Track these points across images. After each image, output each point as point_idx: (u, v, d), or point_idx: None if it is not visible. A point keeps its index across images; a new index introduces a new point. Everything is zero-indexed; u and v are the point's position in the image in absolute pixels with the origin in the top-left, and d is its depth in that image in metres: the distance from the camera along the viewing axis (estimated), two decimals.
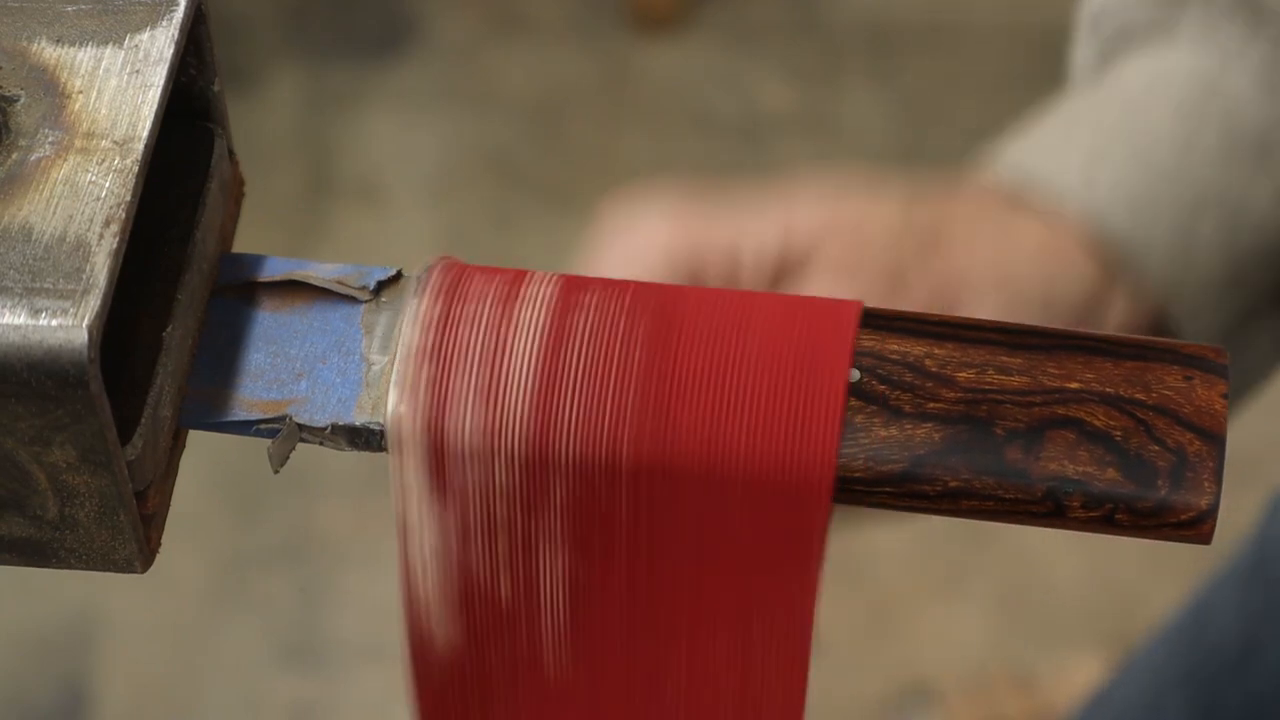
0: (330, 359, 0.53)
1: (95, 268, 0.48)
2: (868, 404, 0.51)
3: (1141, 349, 0.51)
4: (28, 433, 0.48)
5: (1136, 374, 0.51)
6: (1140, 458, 0.50)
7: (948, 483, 0.50)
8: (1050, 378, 0.51)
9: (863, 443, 0.50)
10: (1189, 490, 0.50)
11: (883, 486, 0.50)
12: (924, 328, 0.52)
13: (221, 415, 0.53)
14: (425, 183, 2.15)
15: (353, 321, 0.54)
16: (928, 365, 0.51)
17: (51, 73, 0.52)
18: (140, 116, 0.51)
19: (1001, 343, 0.51)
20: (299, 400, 0.53)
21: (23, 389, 0.47)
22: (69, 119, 0.51)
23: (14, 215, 0.49)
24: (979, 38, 2.26)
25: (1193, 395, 0.51)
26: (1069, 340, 0.52)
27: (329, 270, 0.54)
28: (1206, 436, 0.50)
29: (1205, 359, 0.51)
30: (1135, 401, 0.50)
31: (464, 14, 2.31)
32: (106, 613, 1.84)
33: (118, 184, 0.49)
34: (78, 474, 0.49)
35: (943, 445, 0.50)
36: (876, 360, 0.51)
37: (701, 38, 2.27)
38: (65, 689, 1.81)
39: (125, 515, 0.50)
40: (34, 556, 0.51)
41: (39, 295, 0.48)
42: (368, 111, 2.21)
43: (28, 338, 0.47)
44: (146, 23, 0.52)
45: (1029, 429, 0.50)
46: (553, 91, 2.23)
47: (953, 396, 0.51)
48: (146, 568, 0.52)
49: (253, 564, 1.88)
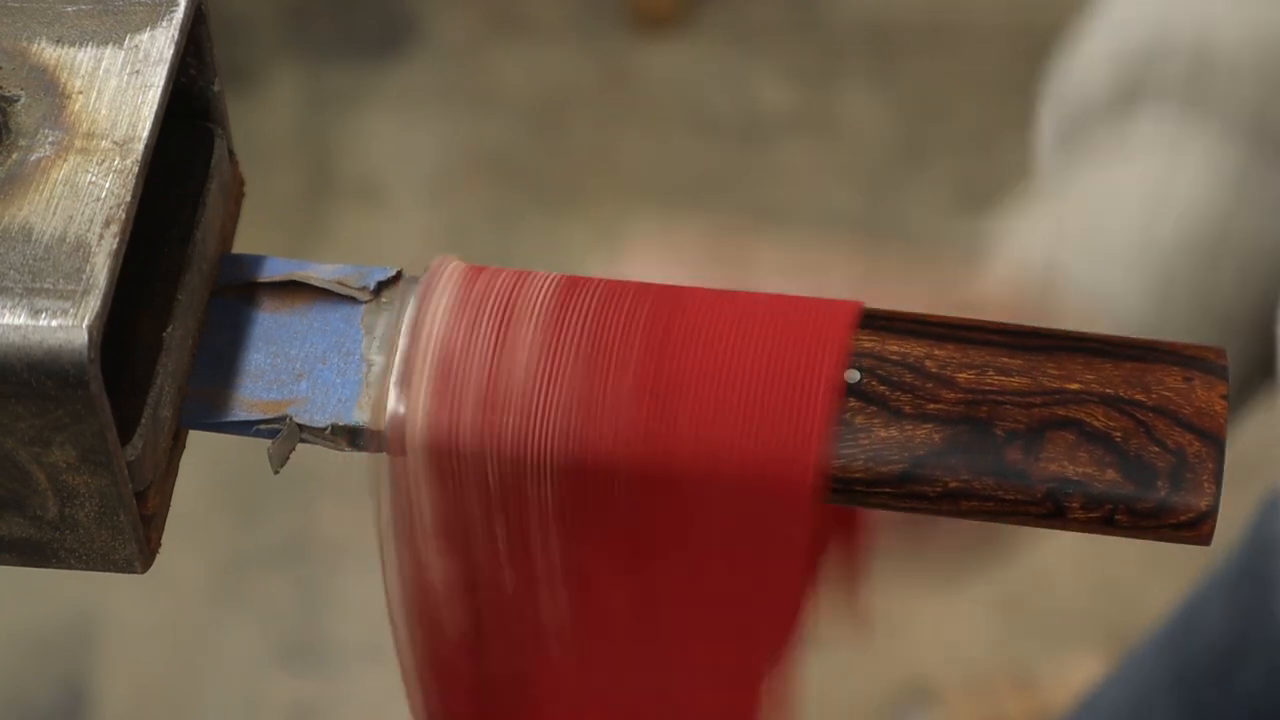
0: (330, 359, 0.53)
1: (95, 268, 0.48)
2: (868, 405, 0.51)
3: (1141, 350, 0.51)
4: (28, 433, 0.48)
5: (1136, 375, 0.51)
6: (1140, 459, 0.50)
7: (948, 483, 0.50)
8: (1050, 379, 0.51)
9: (863, 443, 0.50)
10: (1189, 491, 0.50)
11: (882, 487, 0.50)
12: (924, 329, 0.52)
13: (221, 415, 0.53)
14: (425, 183, 2.15)
15: (353, 322, 0.54)
16: (928, 366, 0.51)
17: (51, 73, 0.52)
18: (140, 117, 0.51)
19: (1002, 344, 0.51)
20: (299, 401, 0.53)
21: (23, 389, 0.47)
22: (69, 119, 0.51)
23: (14, 215, 0.49)
24: (979, 38, 2.26)
25: (1192, 396, 0.51)
26: (1069, 341, 0.52)
27: (329, 271, 0.54)
28: (1206, 437, 0.50)
29: (1205, 360, 0.51)
30: (1135, 403, 0.50)
31: (464, 14, 2.31)
32: (106, 613, 1.84)
33: (118, 184, 0.49)
34: (78, 474, 0.49)
35: (943, 446, 0.50)
36: (877, 361, 0.51)
37: (701, 38, 2.27)
38: (65, 689, 1.80)
39: (125, 515, 0.50)
40: (34, 556, 0.51)
41: (39, 295, 0.47)
42: (368, 111, 2.21)
43: (28, 338, 0.47)
44: (146, 23, 0.52)
45: (1029, 430, 0.50)
46: (553, 91, 2.23)
47: (953, 397, 0.51)
48: (146, 568, 0.52)
49: (253, 564, 1.88)
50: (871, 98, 2.22)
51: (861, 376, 0.51)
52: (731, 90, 2.22)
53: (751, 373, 0.51)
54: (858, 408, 0.51)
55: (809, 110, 2.20)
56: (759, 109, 2.21)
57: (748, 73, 2.25)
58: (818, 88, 2.23)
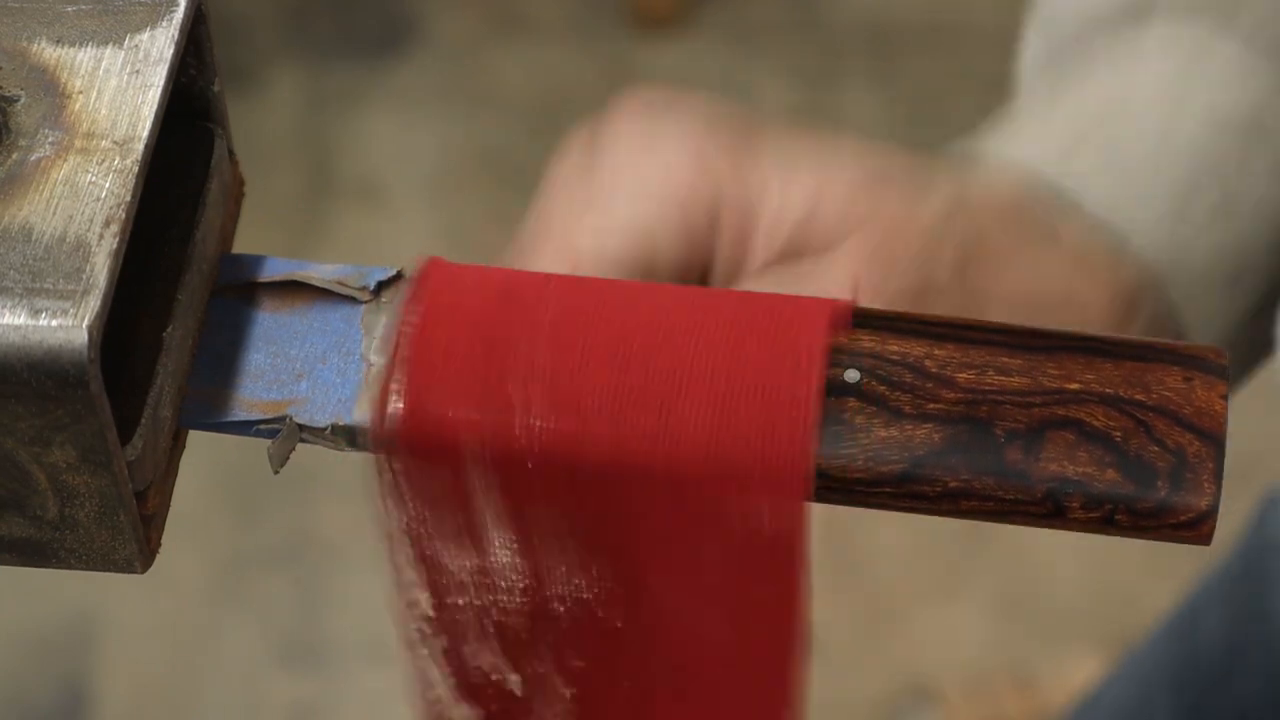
0: (330, 359, 0.53)
1: (95, 268, 0.48)
2: (868, 404, 0.51)
3: (1141, 350, 0.51)
4: (28, 433, 0.48)
5: (1136, 375, 0.51)
6: (1140, 458, 0.50)
7: (947, 483, 0.50)
8: (1050, 378, 0.51)
9: (863, 443, 0.50)
10: (1189, 491, 0.50)
11: (882, 487, 0.50)
12: (924, 328, 0.52)
13: (221, 415, 0.53)
14: (425, 182, 2.15)
15: (353, 322, 0.54)
16: (928, 366, 0.51)
17: (51, 73, 0.52)
18: (140, 117, 0.51)
19: (1002, 344, 0.51)
20: (299, 401, 0.53)
21: (23, 389, 0.47)
22: (69, 119, 0.51)
23: (14, 215, 0.49)
24: (979, 38, 2.26)
25: (1192, 396, 0.51)
26: (1069, 341, 0.52)
27: (329, 271, 0.54)
28: (1206, 437, 0.50)
29: (1205, 360, 0.51)
30: (1135, 402, 0.50)
31: (464, 14, 2.31)
32: (106, 613, 1.84)
33: (118, 184, 0.49)
34: (78, 474, 0.49)
35: (943, 446, 0.50)
36: (877, 361, 0.51)
37: (701, 38, 2.27)
38: (65, 689, 1.81)
39: (125, 515, 0.50)
40: (34, 556, 0.51)
41: (39, 295, 0.47)
42: (368, 112, 2.21)
43: (28, 338, 0.47)
44: (146, 23, 0.52)
45: (1029, 430, 0.50)
46: (553, 91, 2.23)
47: (953, 397, 0.51)
48: (146, 568, 0.52)
49: (253, 564, 1.88)
50: (871, 97, 2.22)
51: (861, 376, 0.51)
52: (731, 90, 2.22)
53: (732, 375, 0.50)
54: (857, 407, 0.51)
55: (809, 110, 2.20)
56: (759, 109, 2.21)
57: (748, 73, 2.25)
58: (818, 88, 2.23)
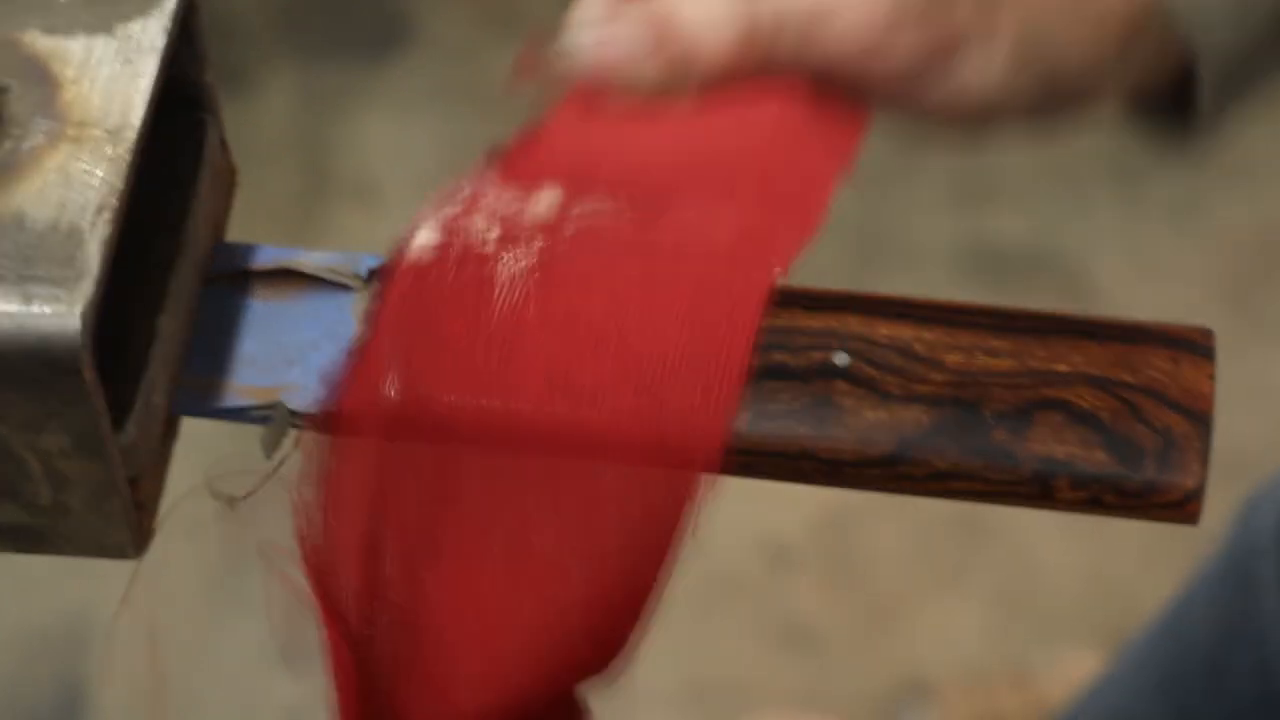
0: (322, 346, 0.54)
1: (88, 255, 0.48)
2: (856, 387, 0.51)
3: (1128, 331, 0.52)
4: (21, 419, 0.49)
5: (1123, 356, 0.51)
6: (1127, 439, 0.50)
7: (936, 465, 0.50)
8: (1037, 360, 0.51)
9: (851, 425, 0.51)
10: (1176, 471, 0.50)
11: (871, 468, 0.51)
12: (912, 311, 0.52)
13: (214, 402, 0.53)
14: (422, 182, 2.15)
15: (344, 309, 0.54)
16: (916, 349, 0.51)
17: (44, 62, 0.52)
18: (132, 105, 0.51)
19: (989, 326, 0.52)
20: (291, 387, 0.53)
21: (16, 375, 0.48)
22: (61, 108, 0.51)
23: (7, 203, 0.49)
24: None
25: (1179, 377, 0.51)
26: (1056, 323, 0.52)
27: (320, 258, 0.55)
28: (1193, 417, 0.50)
29: (1192, 341, 0.51)
30: (1122, 383, 0.51)
31: (461, 13, 2.31)
32: (106, 613, 1.84)
33: (110, 172, 0.50)
34: (71, 460, 0.49)
35: (931, 427, 0.51)
36: (865, 344, 0.51)
37: None
38: (65, 689, 1.81)
39: (118, 501, 0.50)
40: (27, 543, 0.52)
41: (32, 282, 0.48)
42: (364, 111, 2.21)
43: (21, 324, 0.47)
44: (138, 12, 0.53)
45: (1016, 411, 0.51)
46: None
47: (941, 379, 0.51)
48: (140, 554, 0.52)
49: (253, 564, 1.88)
50: None
51: (850, 359, 0.51)
52: None
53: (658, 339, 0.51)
54: (846, 390, 0.51)
55: None
56: None
57: None
58: None
